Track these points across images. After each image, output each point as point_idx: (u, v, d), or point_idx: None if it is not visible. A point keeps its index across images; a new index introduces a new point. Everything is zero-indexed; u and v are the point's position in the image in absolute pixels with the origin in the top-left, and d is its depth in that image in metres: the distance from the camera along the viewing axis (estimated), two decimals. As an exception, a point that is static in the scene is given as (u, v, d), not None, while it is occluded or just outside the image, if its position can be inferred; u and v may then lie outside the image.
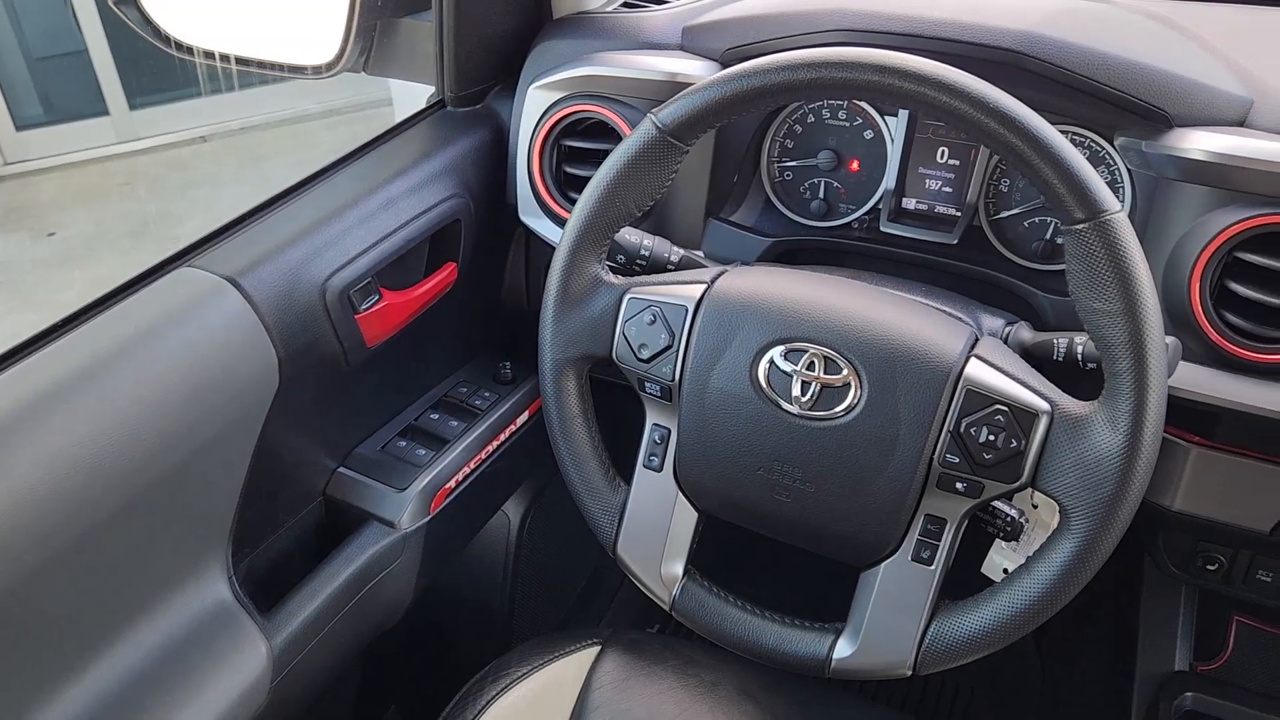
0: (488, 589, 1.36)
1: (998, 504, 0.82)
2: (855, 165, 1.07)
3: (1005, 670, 1.49)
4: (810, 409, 0.80)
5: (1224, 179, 0.83)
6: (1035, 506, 0.96)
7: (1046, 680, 1.45)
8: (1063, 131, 0.97)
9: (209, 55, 1.18)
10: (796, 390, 0.80)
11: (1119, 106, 0.88)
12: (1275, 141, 0.84)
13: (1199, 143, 0.85)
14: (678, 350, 0.84)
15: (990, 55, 0.89)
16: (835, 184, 1.08)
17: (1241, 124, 0.88)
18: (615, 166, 0.84)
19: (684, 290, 0.85)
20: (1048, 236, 1.01)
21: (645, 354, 0.85)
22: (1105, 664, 1.28)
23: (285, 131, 4.52)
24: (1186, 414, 0.93)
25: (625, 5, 1.16)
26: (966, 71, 0.75)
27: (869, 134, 1.06)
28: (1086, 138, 0.98)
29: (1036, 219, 1.01)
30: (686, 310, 0.84)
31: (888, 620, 0.81)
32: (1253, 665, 1.18)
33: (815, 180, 1.08)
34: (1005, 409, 0.75)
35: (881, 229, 1.04)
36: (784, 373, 0.80)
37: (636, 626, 1.39)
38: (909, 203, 1.06)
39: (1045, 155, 0.71)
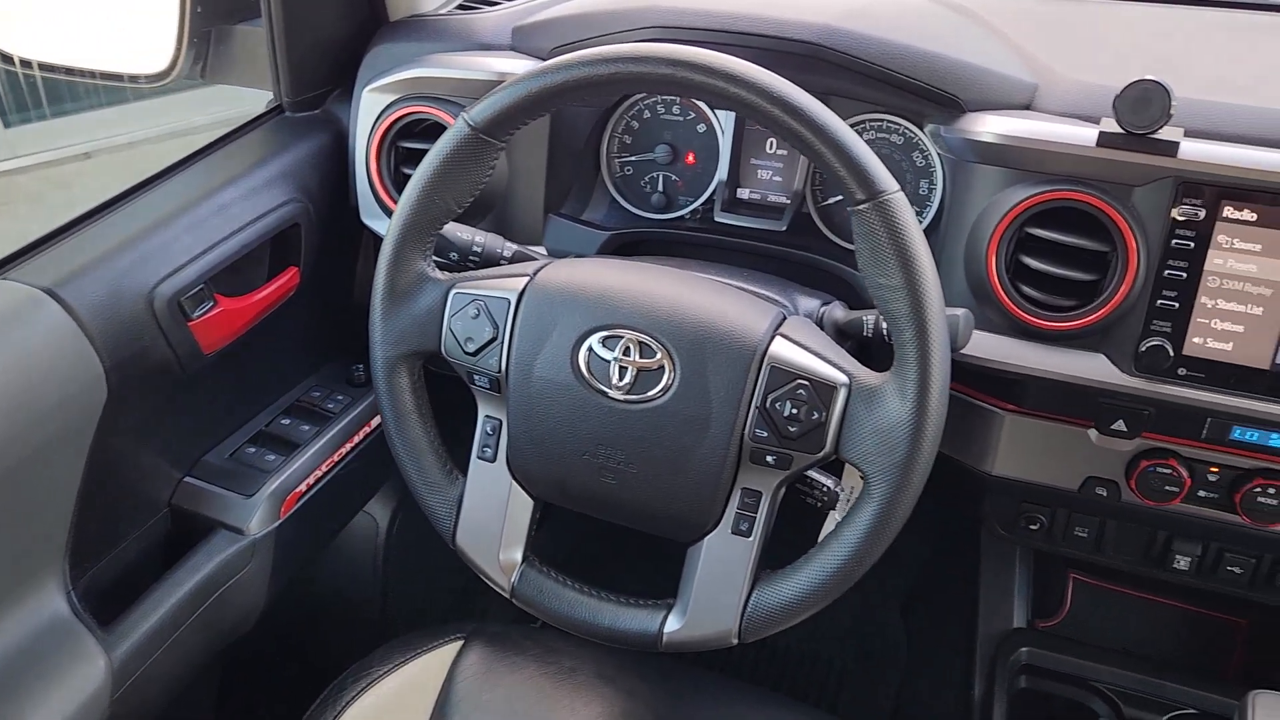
0: (358, 591, 1.36)
1: (814, 474, 0.86)
2: (691, 158, 1.10)
3: (874, 642, 1.55)
4: (629, 393, 0.83)
5: (1011, 159, 0.89)
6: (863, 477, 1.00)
7: (912, 650, 1.51)
8: (875, 120, 1.03)
9: (42, 67, 1.17)
10: (615, 375, 0.83)
11: (914, 94, 0.93)
12: (1056, 123, 0.90)
13: (988, 126, 0.90)
14: (502, 342, 0.87)
15: (793, 49, 0.93)
16: (674, 177, 1.11)
17: (1028, 107, 0.94)
18: (432, 165, 0.86)
19: (507, 283, 0.88)
20: None
21: (471, 347, 0.87)
22: (962, 630, 1.34)
23: (174, 145, 4.41)
24: (997, 383, 0.98)
25: (461, 7, 1.18)
26: (772, 65, 0.78)
27: (702, 127, 1.09)
28: (900, 125, 1.03)
29: None
30: (509, 303, 0.86)
31: (712, 592, 0.84)
32: (1089, 618, 1.25)
33: (654, 174, 1.12)
34: (807, 383, 0.79)
35: (716, 219, 1.07)
36: (603, 359, 0.83)
37: (519, 621, 1.41)
38: (743, 193, 1.10)
39: (827, 140, 0.75)
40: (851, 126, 1.04)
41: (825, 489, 0.87)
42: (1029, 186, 0.88)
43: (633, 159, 1.12)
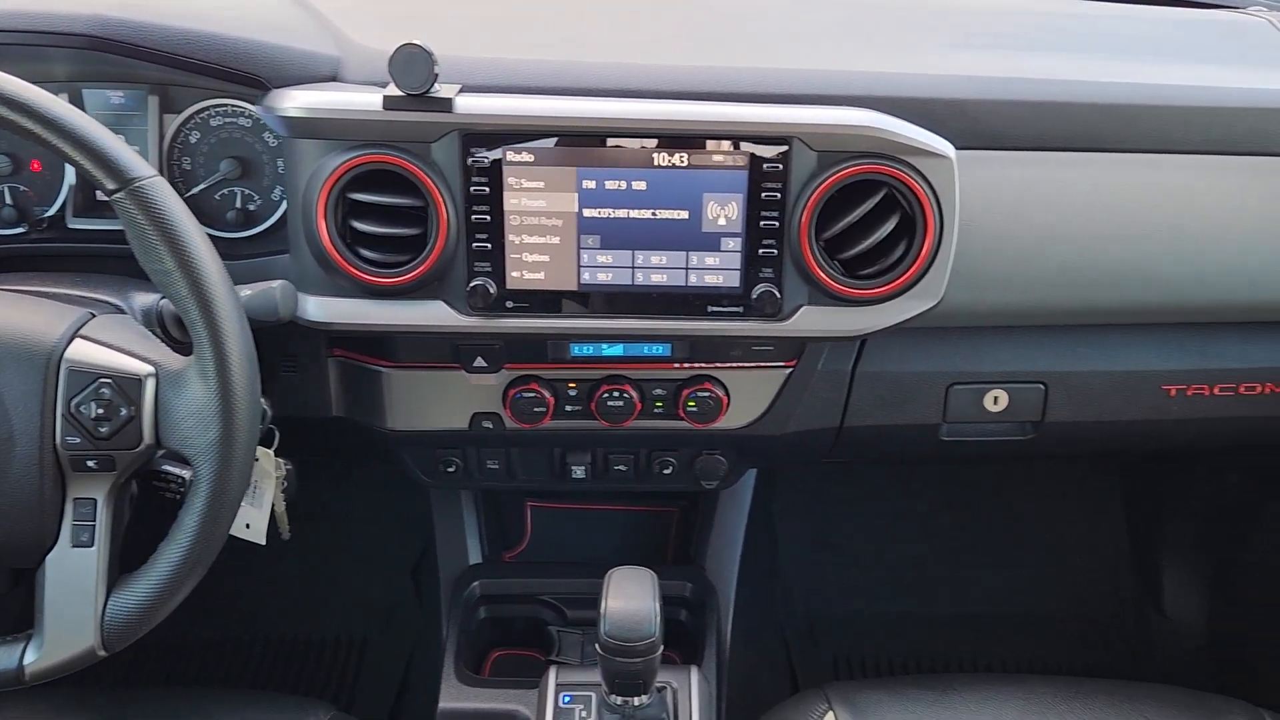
0: None
1: (168, 468, 0.86)
2: (37, 165, 1.04)
3: (390, 611, 1.59)
4: None
5: (316, 130, 0.92)
6: (256, 459, 1.01)
7: (424, 609, 1.57)
8: (220, 106, 1.02)
9: None
10: None
11: (215, 77, 0.94)
12: (354, 91, 0.94)
13: (290, 100, 0.93)
14: None
15: (67, 42, 0.90)
16: (22, 187, 1.04)
17: (334, 79, 0.98)
18: None
19: None
20: (239, 205, 1.06)
21: None
22: None
23: None
24: (371, 343, 1.03)
25: None
26: (50, 59, 0.74)
27: None
28: (244, 108, 1.03)
29: (226, 190, 1.05)
30: None
31: (65, 611, 0.81)
32: (551, 540, 1.36)
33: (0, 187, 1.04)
34: (109, 381, 0.78)
35: (69, 226, 1.02)
36: None
37: None
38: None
39: (63, 134, 0.74)
40: (196, 114, 1.03)
41: (180, 480, 0.86)
42: (339, 154, 0.92)
43: None
